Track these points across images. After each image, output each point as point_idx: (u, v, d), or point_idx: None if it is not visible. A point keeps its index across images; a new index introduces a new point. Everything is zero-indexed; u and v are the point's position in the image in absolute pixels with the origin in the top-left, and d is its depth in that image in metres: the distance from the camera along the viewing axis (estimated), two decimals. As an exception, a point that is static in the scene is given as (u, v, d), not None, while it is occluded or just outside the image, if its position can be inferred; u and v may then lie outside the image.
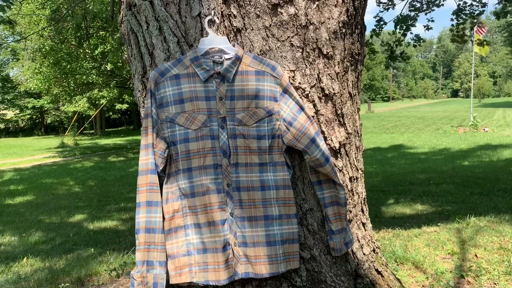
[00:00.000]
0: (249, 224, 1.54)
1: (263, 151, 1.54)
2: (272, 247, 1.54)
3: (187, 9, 1.59)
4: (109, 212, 6.13)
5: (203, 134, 1.51)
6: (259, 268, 1.54)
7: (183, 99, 1.51)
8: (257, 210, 1.54)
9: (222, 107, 1.52)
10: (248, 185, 1.54)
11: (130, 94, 21.15)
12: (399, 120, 25.82)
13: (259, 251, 1.54)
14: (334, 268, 1.70)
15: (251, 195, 1.54)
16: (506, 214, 4.15)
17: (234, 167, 1.53)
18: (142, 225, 1.56)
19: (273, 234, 1.54)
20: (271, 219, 1.55)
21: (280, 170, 1.56)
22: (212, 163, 1.52)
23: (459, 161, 9.54)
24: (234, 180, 1.53)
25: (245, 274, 1.54)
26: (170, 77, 1.53)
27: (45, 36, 14.16)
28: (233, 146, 1.53)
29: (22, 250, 4.09)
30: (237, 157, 1.53)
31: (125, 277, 2.77)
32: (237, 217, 1.54)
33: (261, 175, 1.54)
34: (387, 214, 4.92)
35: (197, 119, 1.51)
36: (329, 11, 1.64)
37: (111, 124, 40.21)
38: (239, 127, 1.53)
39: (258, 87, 1.53)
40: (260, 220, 1.54)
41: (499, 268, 2.54)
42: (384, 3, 7.59)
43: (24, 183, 9.48)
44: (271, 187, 1.54)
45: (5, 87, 32.81)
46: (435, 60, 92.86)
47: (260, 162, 1.54)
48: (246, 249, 1.54)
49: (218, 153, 1.52)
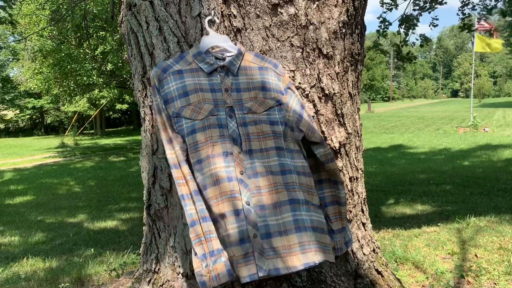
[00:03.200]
0: (272, 212, 1.37)
1: (278, 136, 1.45)
2: (303, 233, 1.37)
3: (187, 9, 1.59)
4: (109, 212, 6.13)
5: (210, 123, 1.43)
6: (290, 260, 1.34)
7: (187, 92, 1.47)
8: (280, 195, 1.39)
9: (229, 97, 1.48)
10: (266, 169, 1.41)
11: (130, 94, 21.14)
12: (399, 120, 25.81)
13: (289, 240, 1.35)
14: (334, 268, 1.70)
15: (271, 179, 1.40)
16: (506, 214, 4.15)
17: (248, 154, 1.42)
18: (195, 216, 1.38)
19: (302, 220, 1.38)
20: (297, 203, 1.40)
21: (297, 157, 1.47)
22: (222, 151, 1.41)
23: (459, 161, 9.54)
24: (249, 167, 1.41)
25: (274, 270, 1.33)
26: (173, 72, 1.50)
27: (45, 36, 14.16)
28: (245, 133, 1.44)
29: (22, 250, 4.09)
30: (249, 144, 1.44)
31: (125, 277, 2.77)
32: (256, 205, 1.37)
33: (280, 159, 1.43)
34: (387, 214, 4.92)
35: (203, 109, 1.45)
36: (329, 11, 1.64)
37: (111, 124, 40.19)
38: (249, 115, 1.46)
39: (263, 79, 1.51)
40: (285, 205, 1.39)
41: (499, 268, 2.54)
42: (387, 3, 7.58)
43: (24, 183, 9.48)
44: (292, 171, 1.43)
45: (5, 87, 32.79)
46: (435, 60, 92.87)
47: (276, 146, 1.44)
48: (271, 240, 1.34)
49: (227, 141, 1.43)
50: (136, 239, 4.22)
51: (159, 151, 1.74)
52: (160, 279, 1.78)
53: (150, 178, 1.80)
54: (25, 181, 9.83)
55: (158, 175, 1.76)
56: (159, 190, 1.77)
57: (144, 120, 1.82)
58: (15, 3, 6.07)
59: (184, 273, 1.71)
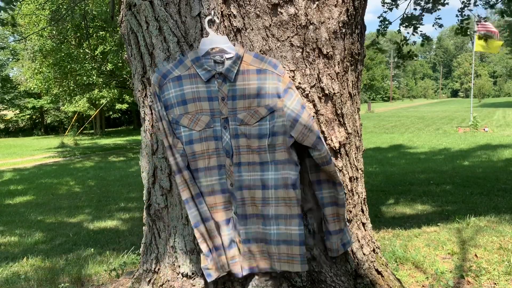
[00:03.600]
0: (250, 221, 1.57)
1: (263, 150, 1.54)
2: (270, 245, 1.56)
3: (187, 9, 1.59)
4: (109, 212, 6.12)
5: (207, 135, 1.54)
6: (262, 263, 1.58)
7: (185, 100, 1.53)
8: (256, 209, 1.56)
9: (225, 107, 1.54)
10: (250, 183, 1.56)
11: (130, 94, 21.15)
12: (399, 120, 25.80)
13: (261, 247, 1.57)
14: (334, 268, 1.70)
15: (251, 193, 1.56)
16: (506, 214, 4.14)
17: (237, 167, 1.55)
18: (198, 218, 1.56)
19: (269, 233, 1.56)
20: (267, 218, 1.56)
21: (281, 169, 1.54)
22: (216, 164, 1.56)
23: (459, 161, 9.53)
24: (237, 179, 1.56)
25: (250, 269, 1.59)
26: (172, 79, 1.54)
27: (45, 36, 14.16)
28: (236, 146, 1.55)
29: (22, 250, 4.09)
30: (239, 157, 1.56)
31: (125, 277, 2.77)
32: (240, 215, 1.57)
33: (262, 174, 1.55)
34: (387, 214, 4.92)
35: (201, 120, 1.54)
36: (329, 11, 1.64)
37: (111, 124, 40.19)
38: (241, 127, 1.54)
39: (260, 86, 1.53)
40: (259, 218, 1.57)
41: (499, 268, 2.53)
42: (388, 3, 7.57)
43: (24, 183, 9.48)
44: (271, 186, 1.55)
45: (5, 87, 32.78)
46: (435, 60, 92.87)
47: (260, 161, 1.55)
48: (250, 245, 1.58)
49: (222, 154, 1.56)
50: (136, 239, 4.22)
51: (159, 151, 1.74)
52: (160, 279, 1.78)
53: (150, 178, 1.80)
54: (25, 181, 9.82)
55: (158, 175, 1.76)
56: (159, 190, 1.77)
57: (144, 120, 1.82)
58: (16, 4, 6.07)
59: (184, 273, 1.71)
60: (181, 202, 1.70)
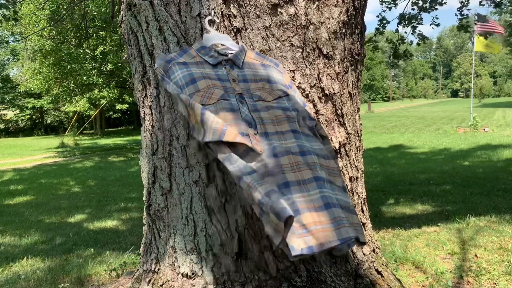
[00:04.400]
0: (298, 189, 1.29)
1: (292, 120, 1.42)
2: (332, 209, 1.28)
3: (187, 9, 1.59)
4: (109, 212, 6.12)
5: (223, 107, 1.38)
6: (324, 236, 1.23)
7: (194, 79, 1.43)
8: (304, 173, 1.32)
9: (237, 86, 1.46)
10: (286, 149, 1.35)
11: (130, 94, 21.12)
12: (399, 120, 25.81)
13: (319, 216, 1.26)
14: (334, 268, 1.70)
15: (292, 159, 1.33)
16: (506, 214, 4.14)
17: (264, 136, 1.37)
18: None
19: (329, 196, 1.31)
20: (322, 181, 1.33)
21: (314, 141, 1.43)
22: (238, 132, 1.35)
23: (459, 161, 9.53)
24: (266, 147, 1.34)
25: (307, 249, 1.20)
26: (178, 63, 1.48)
27: (45, 37, 14.16)
28: (258, 117, 1.40)
29: (22, 250, 4.08)
30: (265, 127, 1.39)
31: (125, 277, 2.77)
32: (280, 184, 1.29)
33: (297, 141, 1.38)
34: (387, 214, 4.92)
35: (214, 93, 1.40)
36: (329, 11, 1.64)
37: (111, 124, 40.17)
38: (259, 102, 1.44)
39: (268, 73, 1.52)
40: (310, 183, 1.31)
41: (499, 268, 2.53)
42: (386, 1, 7.59)
43: (24, 183, 9.47)
44: (311, 152, 1.38)
45: (5, 87, 32.78)
46: (435, 60, 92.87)
47: (292, 129, 1.41)
48: (300, 217, 1.24)
49: (243, 122, 1.37)
50: (136, 239, 4.22)
51: (159, 151, 1.74)
52: (160, 279, 1.78)
53: (150, 178, 1.80)
54: (25, 181, 9.82)
55: (158, 175, 1.76)
56: (159, 190, 1.77)
57: (144, 120, 1.82)
58: (17, 1, 6.08)
59: (184, 273, 1.71)
60: (181, 202, 1.70)
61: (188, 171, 1.65)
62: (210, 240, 1.64)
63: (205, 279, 1.65)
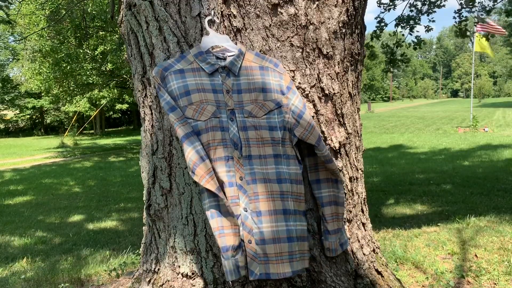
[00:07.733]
0: (268, 219, 1.42)
1: (277, 143, 1.48)
2: (292, 243, 1.44)
3: (187, 9, 1.59)
4: (109, 212, 6.12)
5: (213, 125, 1.44)
6: (281, 267, 1.41)
7: (189, 91, 1.46)
8: (276, 204, 1.43)
9: (230, 99, 1.49)
10: (264, 177, 1.44)
11: (130, 94, 21.13)
12: (399, 120, 25.81)
13: (281, 248, 1.42)
14: (334, 268, 1.70)
15: (268, 187, 1.44)
16: (506, 214, 4.15)
17: (247, 160, 1.45)
18: (215, 209, 1.42)
19: (291, 230, 1.44)
20: (289, 214, 1.45)
21: (293, 164, 1.50)
22: (223, 155, 1.44)
23: (459, 161, 9.54)
24: (248, 172, 1.44)
25: (265, 275, 1.40)
26: (174, 72, 1.50)
27: (45, 37, 14.16)
28: (244, 138, 1.46)
29: (22, 250, 4.09)
30: (249, 149, 1.45)
31: (125, 277, 2.77)
32: (253, 211, 1.42)
33: (277, 167, 1.46)
34: (387, 214, 4.92)
35: (206, 110, 1.45)
36: (329, 11, 1.64)
37: (111, 124, 40.18)
38: (249, 119, 1.47)
39: (264, 81, 1.52)
40: (279, 214, 1.43)
41: (499, 268, 2.53)
42: (384, 4, 7.59)
43: (23, 183, 9.48)
44: (287, 180, 1.47)
45: (5, 87, 32.78)
46: (435, 60, 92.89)
47: (274, 154, 1.47)
48: (265, 247, 1.41)
49: (229, 144, 1.45)
50: (136, 239, 4.22)
51: (159, 151, 1.74)
52: (160, 279, 1.78)
53: (150, 178, 1.80)
54: (24, 181, 9.82)
55: (158, 175, 1.76)
56: (159, 190, 1.77)
57: (144, 120, 1.82)
58: (12, 3, 6.07)
59: (184, 273, 1.71)
60: (181, 202, 1.70)
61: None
62: (210, 240, 1.64)
63: (205, 279, 1.65)
